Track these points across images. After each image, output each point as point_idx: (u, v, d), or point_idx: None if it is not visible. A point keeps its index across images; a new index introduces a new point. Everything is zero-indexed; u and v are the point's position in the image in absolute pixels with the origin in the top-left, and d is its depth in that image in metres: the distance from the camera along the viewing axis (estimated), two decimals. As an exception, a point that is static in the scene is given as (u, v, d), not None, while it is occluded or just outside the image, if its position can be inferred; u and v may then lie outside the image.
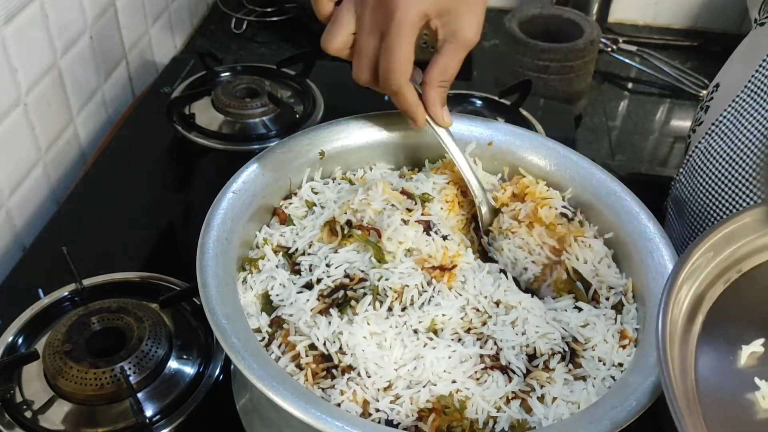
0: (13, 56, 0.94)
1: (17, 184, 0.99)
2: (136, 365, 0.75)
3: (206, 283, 0.61)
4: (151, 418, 0.73)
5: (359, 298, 0.66)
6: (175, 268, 0.88)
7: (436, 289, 0.67)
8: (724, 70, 0.92)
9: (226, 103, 1.17)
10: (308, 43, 1.48)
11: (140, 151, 1.14)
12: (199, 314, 0.82)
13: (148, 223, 1.01)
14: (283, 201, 0.78)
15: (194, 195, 1.08)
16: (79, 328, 0.78)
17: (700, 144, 0.88)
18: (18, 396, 0.75)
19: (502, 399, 0.61)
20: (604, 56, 1.45)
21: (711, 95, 0.91)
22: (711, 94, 0.91)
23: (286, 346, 0.64)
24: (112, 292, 0.86)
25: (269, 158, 0.75)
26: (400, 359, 0.62)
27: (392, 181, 0.79)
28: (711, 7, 1.58)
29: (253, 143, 1.13)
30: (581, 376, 0.63)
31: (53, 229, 0.99)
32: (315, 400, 0.55)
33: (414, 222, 0.72)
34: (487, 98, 1.20)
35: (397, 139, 0.82)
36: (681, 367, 0.51)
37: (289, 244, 0.73)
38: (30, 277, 0.91)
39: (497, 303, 0.67)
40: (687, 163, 0.90)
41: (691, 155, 0.90)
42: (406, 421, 0.59)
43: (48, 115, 1.04)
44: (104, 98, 1.21)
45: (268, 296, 0.69)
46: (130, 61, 1.27)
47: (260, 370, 0.55)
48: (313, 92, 1.23)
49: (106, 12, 1.16)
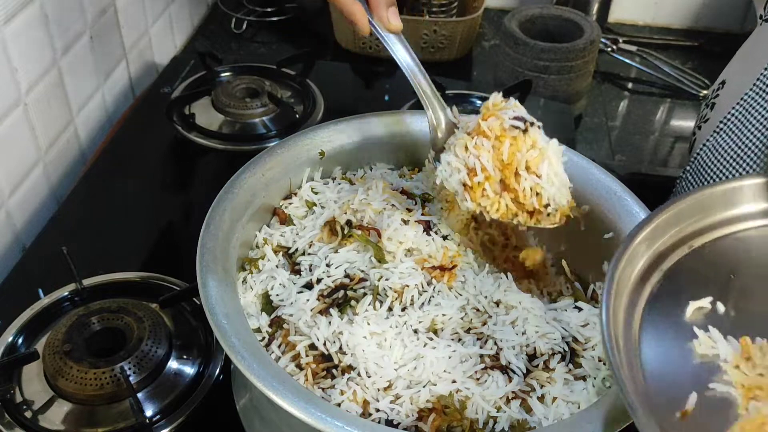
0: (13, 56, 0.94)
1: (17, 184, 0.99)
2: (136, 365, 0.75)
3: (206, 283, 0.61)
4: (151, 418, 0.73)
5: (359, 298, 0.66)
6: (175, 268, 0.88)
7: (436, 289, 0.67)
8: (730, 67, 0.92)
9: (226, 103, 1.17)
10: (308, 43, 1.48)
11: (140, 151, 1.14)
12: (199, 314, 0.82)
13: (148, 223, 1.01)
14: (283, 201, 0.78)
15: (194, 195, 1.08)
16: (79, 328, 0.78)
17: (708, 141, 0.88)
18: (18, 396, 0.75)
19: (502, 399, 0.61)
20: (604, 56, 1.45)
21: (717, 92, 0.91)
22: (717, 91, 0.91)
23: (286, 346, 0.65)
24: (112, 292, 0.86)
25: (269, 158, 0.75)
26: (400, 359, 0.62)
27: (392, 181, 0.79)
28: (711, 7, 1.58)
29: (253, 143, 1.13)
30: (581, 376, 0.63)
31: (53, 229, 0.99)
32: (315, 400, 0.55)
33: (414, 222, 0.72)
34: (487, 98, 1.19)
35: (397, 139, 0.82)
36: (626, 317, 0.56)
37: (289, 244, 0.73)
38: (30, 277, 0.91)
39: (497, 303, 0.67)
40: (694, 161, 0.90)
41: (698, 152, 0.90)
42: (406, 421, 0.59)
43: (48, 115, 1.04)
44: (104, 98, 1.21)
45: (268, 296, 0.69)
46: (130, 61, 1.27)
47: (260, 370, 0.55)
48: (313, 92, 1.23)
49: (106, 12, 1.16)
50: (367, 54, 1.42)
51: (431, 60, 1.38)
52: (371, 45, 1.40)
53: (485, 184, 0.66)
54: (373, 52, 1.41)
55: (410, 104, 1.18)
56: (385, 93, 1.28)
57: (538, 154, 0.65)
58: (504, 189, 0.66)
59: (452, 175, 0.68)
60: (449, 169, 0.68)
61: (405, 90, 1.22)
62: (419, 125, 0.81)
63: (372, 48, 1.41)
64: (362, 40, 1.40)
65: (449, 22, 1.38)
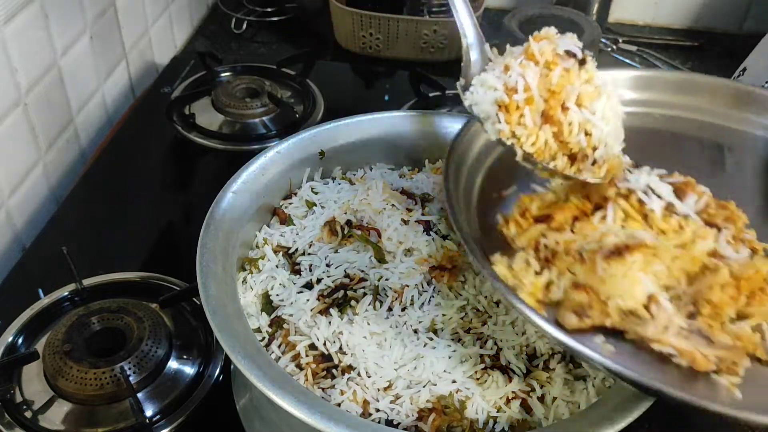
0: (13, 56, 0.94)
1: (17, 184, 0.99)
2: (136, 365, 0.75)
3: (206, 283, 0.61)
4: (151, 418, 0.73)
5: (359, 298, 0.66)
6: (175, 268, 0.88)
7: (436, 289, 0.67)
8: (754, 54, 0.92)
9: (226, 103, 1.17)
10: (308, 43, 1.48)
11: (140, 151, 1.14)
12: (199, 314, 0.82)
13: (148, 223, 1.01)
14: (283, 201, 0.78)
15: (194, 195, 1.08)
16: (79, 328, 0.78)
17: None
18: (18, 396, 0.75)
19: (502, 399, 0.61)
20: (604, 56, 1.45)
21: (737, 79, 0.91)
22: (738, 77, 0.91)
23: (286, 346, 0.65)
24: (112, 292, 0.86)
25: (269, 158, 0.75)
26: (400, 359, 0.62)
27: (392, 181, 0.79)
28: (711, 7, 1.58)
29: (253, 143, 1.13)
30: (581, 376, 0.63)
31: (53, 229, 0.99)
32: (315, 400, 0.55)
33: (414, 222, 0.72)
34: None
35: (397, 139, 0.82)
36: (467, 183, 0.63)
37: (289, 244, 0.73)
38: (30, 277, 0.91)
39: (497, 303, 0.67)
40: None
41: None
42: (406, 421, 0.59)
43: (48, 115, 1.04)
44: (104, 98, 1.21)
45: (268, 296, 0.69)
46: (130, 61, 1.27)
47: (260, 370, 0.55)
48: (313, 92, 1.23)
49: (106, 12, 1.16)
50: (367, 54, 1.42)
51: (431, 60, 1.38)
52: (371, 45, 1.40)
53: (525, 108, 0.55)
54: (373, 52, 1.41)
55: (410, 104, 1.18)
56: (385, 93, 1.28)
57: (594, 89, 0.55)
58: (546, 122, 0.56)
59: (486, 94, 0.58)
60: (482, 90, 0.58)
61: (405, 90, 1.23)
62: (419, 125, 0.81)
63: (372, 48, 1.41)
64: (362, 40, 1.40)
65: (449, 22, 1.37)
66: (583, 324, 0.52)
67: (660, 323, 0.50)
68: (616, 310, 0.51)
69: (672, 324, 0.50)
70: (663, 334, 0.49)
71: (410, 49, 1.38)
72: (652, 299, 0.51)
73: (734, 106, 0.72)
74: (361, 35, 1.39)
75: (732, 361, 0.49)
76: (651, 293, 0.51)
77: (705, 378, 0.49)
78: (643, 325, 0.50)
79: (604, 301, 0.51)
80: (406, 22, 1.36)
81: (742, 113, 0.72)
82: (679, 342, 0.49)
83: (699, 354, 0.48)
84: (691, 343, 0.49)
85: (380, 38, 1.39)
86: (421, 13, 1.41)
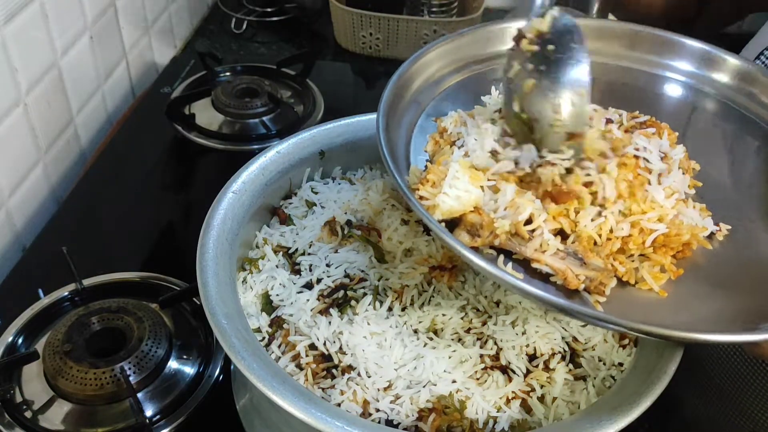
0: (13, 56, 0.94)
1: (17, 184, 0.99)
2: (136, 365, 0.75)
3: (206, 283, 0.61)
4: (151, 418, 0.73)
5: (359, 298, 0.66)
6: (175, 268, 0.88)
7: (436, 289, 0.67)
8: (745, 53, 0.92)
9: (226, 103, 1.17)
10: (308, 43, 1.48)
11: (140, 151, 1.14)
12: (199, 314, 0.82)
13: (148, 223, 1.01)
14: (283, 201, 0.78)
15: (194, 195, 1.08)
16: (79, 328, 0.78)
17: None
18: (18, 396, 0.75)
19: (502, 399, 0.61)
20: (604, 56, 1.45)
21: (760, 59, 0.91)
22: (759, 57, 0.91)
23: (286, 346, 0.65)
24: (112, 292, 0.86)
25: (269, 158, 0.75)
26: (400, 359, 0.62)
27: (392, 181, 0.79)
28: (711, 7, 1.58)
29: (253, 143, 1.13)
30: (581, 376, 0.63)
31: (53, 229, 0.99)
32: (315, 400, 0.55)
33: (414, 222, 0.72)
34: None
35: (397, 139, 0.81)
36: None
37: (289, 244, 0.73)
38: (30, 277, 0.91)
39: (497, 303, 0.67)
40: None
41: None
42: (406, 421, 0.59)
43: (48, 115, 1.04)
44: (104, 98, 1.21)
45: (268, 296, 0.69)
46: (130, 61, 1.27)
47: (260, 370, 0.55)
48: (313, 92, 1.24)
49: (106, 12, 1.16)
50: (367, 54, 1.42)
51: (431, 60, 1.38)
52: (371, 45, 1.40)
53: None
54: (373, 52, 1.41)
55: (410, 104, 1.18)
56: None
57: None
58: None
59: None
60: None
61: (405, 90, 1.23)
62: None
63: (372, 48, 1.41)
64: (362, 40, 1.40)
65: (449, 22, 1.38)
66: (474, 242, 0.55)
67: (537, 244, 0.55)
68: (502, 231, 0.55)
69: (549, 246, 0.54)
70: (541, 255, 0.54)
71: (410, 49, 1.38)
72: (531, 220, 0.55)
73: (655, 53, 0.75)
74: (361, 35, 1.40)
75: (600, 282, 0.54)
76: (530, 214, 0.55)
77: (579, 295, 0.54)
78: (525, 246, 0.55)
79: (492, 221, 0.55)
80: (406, 22, 1.36)
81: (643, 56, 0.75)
82: (554, 262, 0.54)
83: (571, 273, 0.54)
84: (566, 263, 0.54)
85: (380, 38, 1.39)
86: (421, 13, 1.41)
